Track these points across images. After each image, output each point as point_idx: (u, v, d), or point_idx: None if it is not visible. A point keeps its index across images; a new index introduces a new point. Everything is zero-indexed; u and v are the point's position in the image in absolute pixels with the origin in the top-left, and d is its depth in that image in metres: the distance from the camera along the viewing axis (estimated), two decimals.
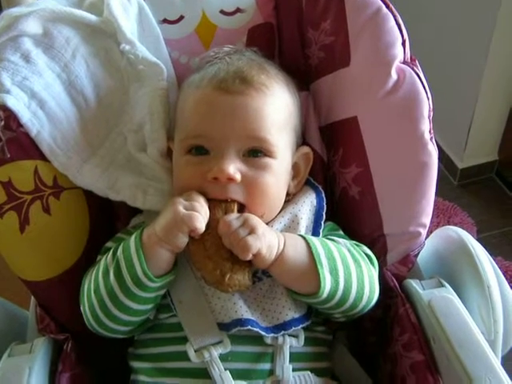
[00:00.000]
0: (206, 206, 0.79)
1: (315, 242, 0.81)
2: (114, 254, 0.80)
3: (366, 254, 0.87)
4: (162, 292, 0.81)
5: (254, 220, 0.78)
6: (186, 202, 0.78)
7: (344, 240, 0.88)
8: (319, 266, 0.78)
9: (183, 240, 0.76)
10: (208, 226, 0.77)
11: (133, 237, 0.80)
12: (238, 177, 0.80)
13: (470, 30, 1.88)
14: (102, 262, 0.81)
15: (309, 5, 0.96)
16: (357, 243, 0.89)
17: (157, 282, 0.77)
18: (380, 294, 0.86)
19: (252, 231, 0.76)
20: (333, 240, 0.86)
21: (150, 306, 0.81)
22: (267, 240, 0.76)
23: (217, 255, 0.76)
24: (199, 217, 0.75)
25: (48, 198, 0.86)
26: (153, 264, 0.77)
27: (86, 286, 0.83)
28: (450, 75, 2.03)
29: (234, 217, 0.78)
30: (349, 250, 0.84)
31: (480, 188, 2.12)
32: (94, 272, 0.82)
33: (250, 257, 0.75)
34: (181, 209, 0.76)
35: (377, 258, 0.89)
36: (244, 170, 0.81)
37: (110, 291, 0.78)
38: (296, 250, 0.80)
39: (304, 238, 0.82)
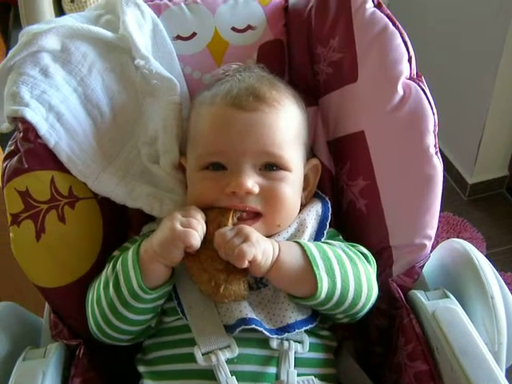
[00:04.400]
0: (204, 222, 0.81)
1: (309, 245, 0.83)
2: (114, 266, 0.83)
3: (362, 254, 0.89)
4: (161, 302, 0.84)
5: (248, 229, 0.80)
6: (183, 219, 0.80)
7: (339, 242, 0.89)
8: (315, 268, 0.79)
9: (178, 256, 0.79)
10: (203, 239, 0.80)
11: (131, 250, 0.82)
12: (256, 189, 0.83)
13: (480, 45, 1.90)
14: (104, 274, 0.84)
15: (318, 22, 0.99)
16: (352, 244, 0.90)
17: (152, 294, 0.80)
18: (386, 304, 0.87)
19: (246, 239, 0.78)
20: (327, 243, 0.88)
21: (149, 316, 0.83)
22: (262, 247, 0.78)
23: (211, 267, 0.78)
24: (195, 234, 0.78)
25: (63, 207, 0.89)
26: (148, 277, 0.79)
27: (89, 297, 0.86)
28: (461, 91, 2.04)
29: (227, 229, 0.80)
30: (343, 251, 0.85)
31: (490, 203, 2.12)
32: (97, 283, 0.85)
33: (246, 264, 0.76)
34: (177, 225, 0.78)
35: (382, 270, 0.91)
36: (261, 182, 0.84)
37: (109, 303, 0.81)
38: (291, 254, 0.81)
39: (298, 242, 0.83)
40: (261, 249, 0.78)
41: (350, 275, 0.82)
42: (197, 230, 0.78)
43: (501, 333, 0.84)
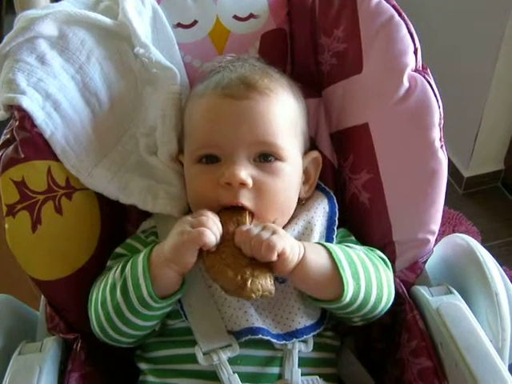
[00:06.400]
0: (216, 218, 0.78)
1: (334, 247, 0.81)
2: (123, 269, 0.80)
3: (381, 258, 0.88)
4: (169, 309, 0.81)
5: (274, 225, 0.78)
6: (192, 220, 0.77)
7: (359, 246, 0.88)
8: (341, 271, 0.78)
9: (191, 260, 0.75)
10: (222, 239, 0.76)
11: (142, 254, 0.80)
12: (250, 182, 0.80)
13: (478, 39, 1.89)
14: (111, 276, 0.82)
15: (322, 12, 0.97)
16: (370, 248, 0.89)
17: (162, 303, 0.78)
18: None
19: (274, 232, 0.75)
20: (348, 246, 0.86)
21: (155, 322, 0.82)
22: (290, 240, 0.76)
23: (235, 263, 0.74)
24: (206, 231, 0.74)
25: (60, 198, 0.87)
26: (159, 285, 0.77)
27: (94, 297, 0.84)
28: (458, 84, 2.03)
29: (250, 226, 0.78)
30: (365, 255, 0.85)
31: (485, 197, 2.11)
32: (103, 284, 0.83)
33: (275, 257, 0.73)
34: (187, 228, 0.75)
35: None
36: (255, 174, 0.82)
37: (115, 307, 0.78)
38: (317, 254, 0.79)
39: (322, 244, 0.82)
40: (289, 243, 0.75)
41: (373, 280, 0.81)
42: (208, 227, 0.75)
43: (505, 329, 0.84)
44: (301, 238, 0.87)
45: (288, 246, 0.74)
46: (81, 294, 0.87)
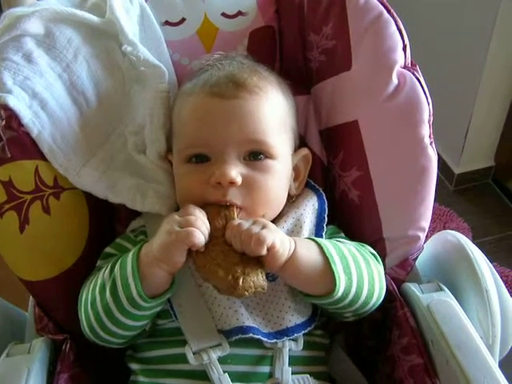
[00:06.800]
0: (204, 216, 0.77)
1: (325, 242, 0.81)
2: (112, 269, 0.80)
3: (371, 253, 0.88)
4: (158, 309, 0.81)
5: (264, 219, 0.78)
6: (180, 219, 0.76)
7: (350, 241, 0.88)
8: (333, 265, 0.77)
9: (181, 259, 0.75)
10: (211, 236, 0.76)
11: (130, 254, 0.79)
12: (239, 180, 0.80)
13: (467, 36, 1.89)
14: (100, 276, 0.81)
15: (310, 9, 0.96)
16: (361, 243, 0.89)
17: (152, 303, 0.77)
18: None
19: (264, 227, 0.75)
20: (339, 241, 0.86)
21: (145, 322, 0.81)
22: (280, 235, 0.76)
23: (226, 261, 0.74)
24: (194, 231, 0.73)
25: (48, 198, 0.86)
26: (148, 284, 0.76)
27: (83, 297, 0.83)
28: (448, 80, 2.04)
29: (241, 220, 0.78)
30: (357, 250, 0.85)
31: (476, 194, 2.12)
32: (92, 285, 0.82)
33: (264, 251, 0.73)
34: (175, 227, 0.74)
35: None
36: (245, 172, 0.81)
37: (105, 307, 0.78)
38: (308, 249, 0.79)
39: (313, 239, 0.82)
40: (279, 237, 0.75)
41: (365, 274, 0.81)
42: (197, 227, 0.74)
43: (495, 326, 0.85)
44: (290, 235, 0.86)
45: (278, 240, 0.74)
46: (69, 294, 0.86)
